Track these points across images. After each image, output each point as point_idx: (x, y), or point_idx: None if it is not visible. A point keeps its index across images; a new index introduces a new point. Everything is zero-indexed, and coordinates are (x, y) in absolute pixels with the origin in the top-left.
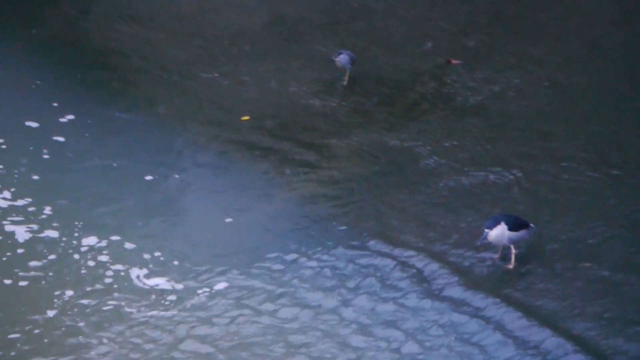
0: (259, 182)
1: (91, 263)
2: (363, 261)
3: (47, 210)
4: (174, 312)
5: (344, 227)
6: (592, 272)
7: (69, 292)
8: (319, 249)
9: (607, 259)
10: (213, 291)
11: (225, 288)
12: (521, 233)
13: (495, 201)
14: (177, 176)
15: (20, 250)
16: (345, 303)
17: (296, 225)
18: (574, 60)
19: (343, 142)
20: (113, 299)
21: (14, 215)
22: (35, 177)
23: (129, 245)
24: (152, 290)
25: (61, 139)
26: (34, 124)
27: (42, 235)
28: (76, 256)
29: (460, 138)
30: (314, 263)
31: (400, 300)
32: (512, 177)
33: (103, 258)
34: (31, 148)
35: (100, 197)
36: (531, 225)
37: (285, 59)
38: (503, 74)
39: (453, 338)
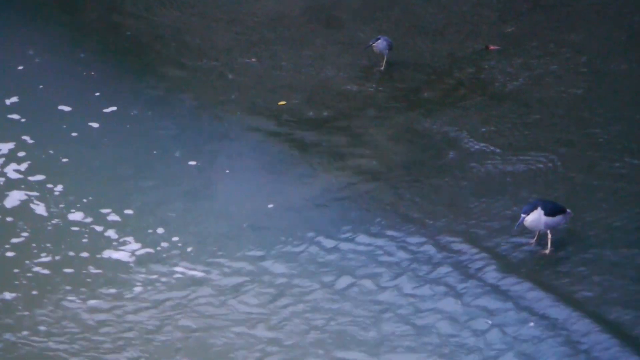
0: (297, 167)
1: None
2: (401, 245)
3: (89, 197)
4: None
5: (382, 212)
6: (629, 258)
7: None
8: (358, 233)
9: None
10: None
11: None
12: (558, 218)
13: (532, 186)
14: (217, 162)
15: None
16: (384, 286)
17: (336, 210)
18: (612, 46)
19: (381, 127)
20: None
21: (47, 195)
22: (79, 163)
23: (168, 233)
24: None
25: (96, 124)
26: (70, 109)
27: (84, 218)
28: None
29: (498, 123)
30: (353, 246)
31: (437, 283)
32: (549, 162)
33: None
34: (74, 134)
35: (141, 183)
36: (568, 210)
37: (323, 44)
38: (541, 60)
39: (489, 322)
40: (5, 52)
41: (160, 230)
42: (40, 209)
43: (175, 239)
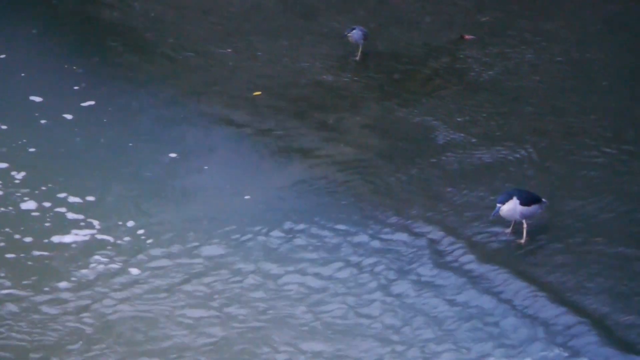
0: (273, 157)
1: (108, 239)
2: (377, 235)
3: (49, 185)
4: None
5: (358, 201)
6: (604, 247)
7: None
8: (333, 223)
9: (619, 234)
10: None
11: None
12: (533, 208)
13: (508, 176)
14: (192, 153)
15: (36, 225)
16: (359, 276)
17: (312, 200)
18: (588, 36)
19: (356, 117)
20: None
21: (20, 189)
22: (46, 153)
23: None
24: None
25: (70, 116)
26: (40, 99)
27: (55, 210)
28: (88, 232)
29: (474, 113)
30: (329, 236)
31: (413, 273)
32: (524, 152)
33: (120, 234)
34: (42, 122)
35: (109, 173)
36: (543, 200)
37: (299, 35)
38: (517, 49)
39: (465, 311)
40: None
41: (119, 220)
42: None
43: (137, 230)
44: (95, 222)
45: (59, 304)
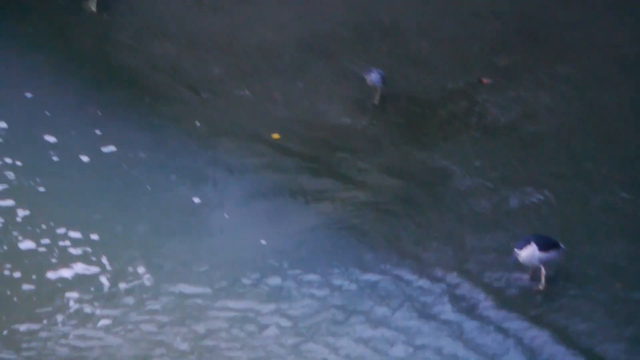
0: (290, 201)
1: (118, 275)
2: (395, 280)
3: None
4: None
5: (376, 246)
6: (623, 293)
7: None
8: (351, 268)
9: (638, 280)
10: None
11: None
12: (551, 253)
13: (526, 221)
14: (208, 194)
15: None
16: (377, 322)
17: (329, 244)
18: (604, 79)
19: (374, 160)
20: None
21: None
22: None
23: (156, 261)
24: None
25: (86, 158)
26: (56, 139)
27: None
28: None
29: (492, 157)
30: (346, 280)
31: (431, 318)
32: (542, 197)
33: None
34: (57, 161)
35: (131, 214)
36: (562, 245)
37: (316, 76)
38: (534, 93)
39: (483, 356)
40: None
41: (130, 260)
42: None
43: (149, 269)
44: (104, 261)
45: (66, 339)
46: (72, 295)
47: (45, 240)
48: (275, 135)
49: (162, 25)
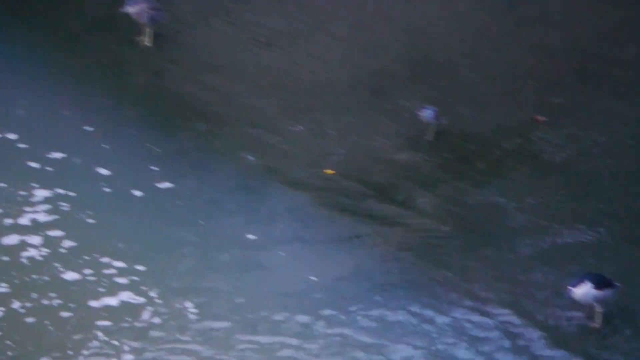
0: (342, 237)
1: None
2: (449, 317)
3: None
4: None
5: (429, 283)
6: None
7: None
8: (404, 304)
9: None
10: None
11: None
12: (606, 292)
13: (581, 259)
14: (260, 230)
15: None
16: (433, 358)
17: (381, 280)
18: None
19: (427, 197)
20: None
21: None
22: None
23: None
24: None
25: (140, 193)
26: (108, 172)
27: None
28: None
29: (545, 195)
30: (399, 317)
31: (486, 356)
32: (597, 235)
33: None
34: (106, 190)
35: (179, 248)
36: (617, 284)
37: (370, 112)
38: (588, 131)
39: None
40: (49, 115)
41: (178, 292)
42: (39, 258)
43: (196, 301)
44: (151, 292)
45: None
46: (105, 325)
47: (89, 270)
48: (329, 171)
49: (216, 60)
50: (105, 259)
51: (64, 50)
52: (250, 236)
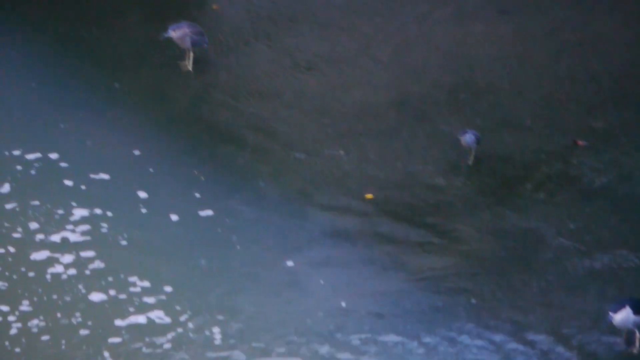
0: (381, 261)
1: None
2: (488, 342)
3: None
4: None
5: (468, 307)
6: None
7: None
8: (443, 329)
9: None
10: None
11: None
12: None
13: (622, 285)
14: (297, 254)
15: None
16: None
17: (420, 304)
18: None
19: (467, 222)
20: None
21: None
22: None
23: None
24: None
25: (177, 217)
26: (147, 194)
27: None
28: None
29: (587, 220)
30: (438, 344)
31: None
32: (638, 260)
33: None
34: (143, 210)
35: (212, 273)
36: None
37: (411, 137)
38: (630, 156)
39: None
40: (91, 136)
41: (210, 315)
42: (64, 277)
43: (230, 324)
44: (184, 316)
45: None
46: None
47: (115, 291)
48: (369, 196)
49: (258, 84)
50: (132, 279)
51: (108, 75)
52: (288, 259)
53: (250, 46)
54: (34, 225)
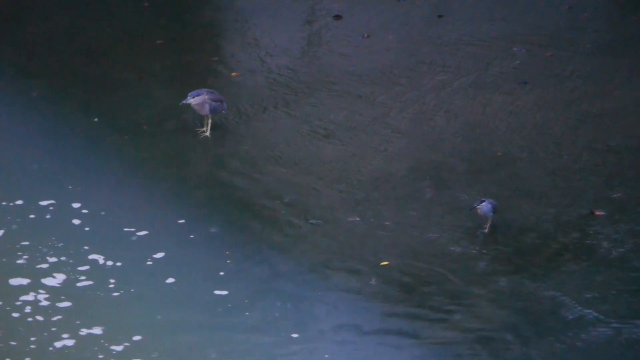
0: (398, 330)
1: None
2: None
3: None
4: None
5: None
6: None
7: None
8: None
9: None
10: None
11: None
12: None
13: (637, 355)
14: (312, 325)
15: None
16: None
17: None
18: None
19: (483, 290)
20: None
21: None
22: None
23: None
24: None
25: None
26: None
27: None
28: None
29: (603, 290)
30: None
31: None
32: None
33: None
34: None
35: (239, 338)
36: None
37: (428, 205)
38: None
39: None
40: (110, 201)
41: None
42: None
43: None
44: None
45: None
46: None
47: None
48: (385, 263)
49: (276, 151)
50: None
51: (128, 140)
52: (300, 326)
53: (269, 113)
54: None
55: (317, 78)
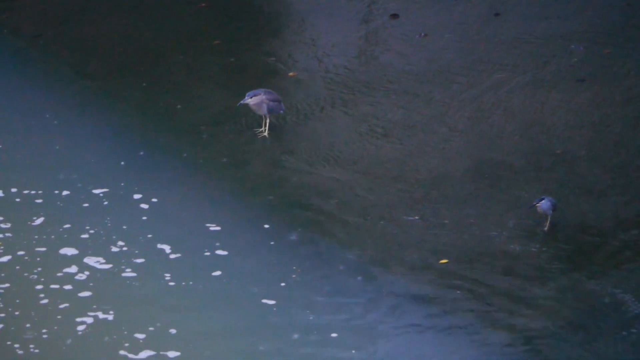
0: (460, 327)
1: None
2: None
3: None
4: None
5: None
6: None
7: None
8: None
9: None
10: None
11: None
12: None
13: None
14: (368, 323)
15: None
16: None
17: None
18: None
19: (542, 288)
20: None
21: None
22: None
23: None
24: None
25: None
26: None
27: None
28: None
29: None
30: None
31: None
32: None
33: None
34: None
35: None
36: None
37: (487, 203)
38: None
39: None
40: (171, 204)
41: None
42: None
43: None
44: None
45: None
46: None
47: None
48: (444, 261)
49: (333, 151)
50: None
51: (186, 142)
52: (357, 328)
53: (326, 113)
54: None
55: (375, 77)
